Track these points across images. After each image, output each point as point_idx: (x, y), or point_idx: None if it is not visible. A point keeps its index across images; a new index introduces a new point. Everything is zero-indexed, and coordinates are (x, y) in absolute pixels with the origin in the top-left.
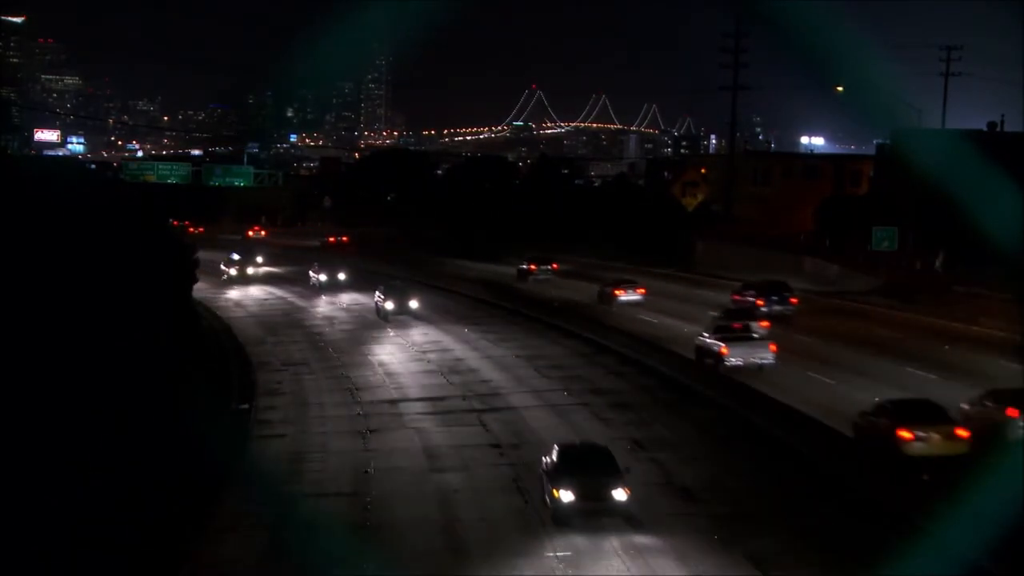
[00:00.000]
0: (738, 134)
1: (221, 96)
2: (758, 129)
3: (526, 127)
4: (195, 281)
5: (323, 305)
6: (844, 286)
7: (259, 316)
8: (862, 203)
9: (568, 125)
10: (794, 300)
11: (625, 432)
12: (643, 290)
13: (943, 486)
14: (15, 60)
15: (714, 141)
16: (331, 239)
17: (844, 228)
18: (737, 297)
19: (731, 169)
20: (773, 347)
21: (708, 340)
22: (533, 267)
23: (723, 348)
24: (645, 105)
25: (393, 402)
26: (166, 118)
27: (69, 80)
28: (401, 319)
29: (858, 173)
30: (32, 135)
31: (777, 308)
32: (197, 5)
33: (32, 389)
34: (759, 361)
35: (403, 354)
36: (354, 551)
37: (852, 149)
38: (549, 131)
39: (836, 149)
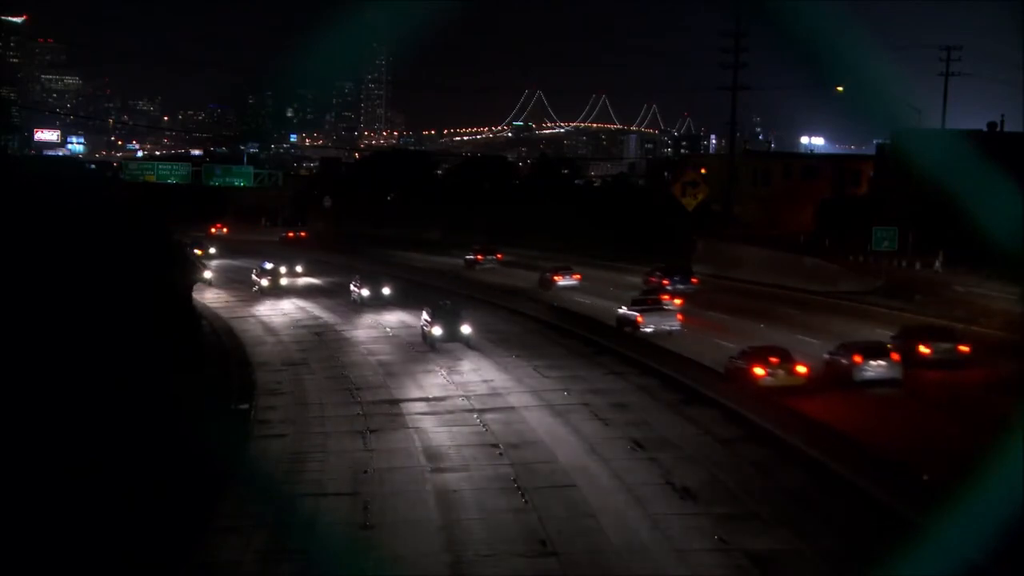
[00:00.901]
0: (738, 134)
1: (221, 96)
2: (758, 129)
3: (526, 127)
4: (194, 281)
5: (364, 328)
6: (844, 286)
7: (285, 340)
8: (862, 203)
9: (568, 125)
10: (695, 280)
11: (625, 432)
12: (578, 276)
13: (943, 486)
14: (15, 60)
15: (714, 141)
16: (290, 234)
17: (844, 228)
18: (652, 279)
19: (731, 169)
20: (680, 317)
21: (627, 311)
22: (480, 257)
23: (639, 317)
24: (645, 105)
25: (393, 402)
26: (166, 118)
27: (69, 80)
28: (450, 348)
29: (858, 173)
30: (32, 135)
31: (680, 287)
32: (197, 5)
33: (27, 388)
34: (668, 328)
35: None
36: (354, 551)
37: (852, 149)
38: (549, 131)
39: (836, 149)
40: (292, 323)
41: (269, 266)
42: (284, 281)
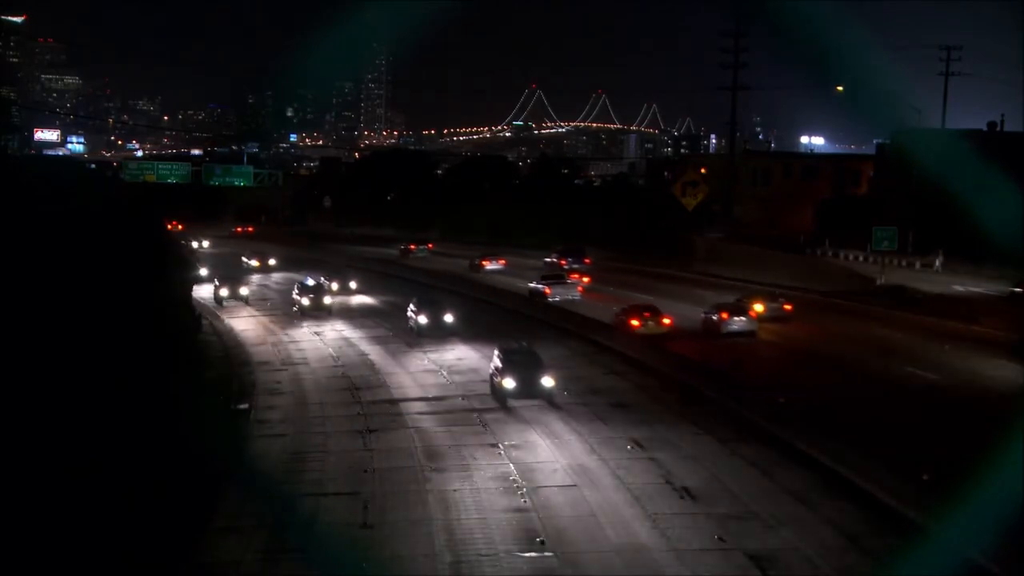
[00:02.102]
0: (738, 134)
1: (221, 96)
2: (758, 129)
3: (526, 127)
4: (194, 281)
5: (417, 368)
6: (844, 285)
7: (310, 397)
8: (862, 203)
9: (568, 125)
10: (587, 260)
11: (625, 432)
12: (504, 261)
13: (943, 486)
14: (15, 60)
15: (714, 141)
16: (239, 229)
17: (844, 228)
18: (556, 260)
19: (731, 169)
20: (580, 289)
21: (537, 285)
22: (412, 247)
23: (547, 289)
24: (645, 105)
25: (393, 402)
26: (166, 118)
27: (69, 80)
28: (532, 406)
29: (858, 173)
30: (32, 135)
31: (575, 266)
32: (197, 5)
33: (27, 388)
34: (570, 297)
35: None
36: (354, 551)
37: (852, 149)
38: (549, 131)
39: (836, 149)
40: (328, 365)
41: (311, 282)
42: (328, 300)
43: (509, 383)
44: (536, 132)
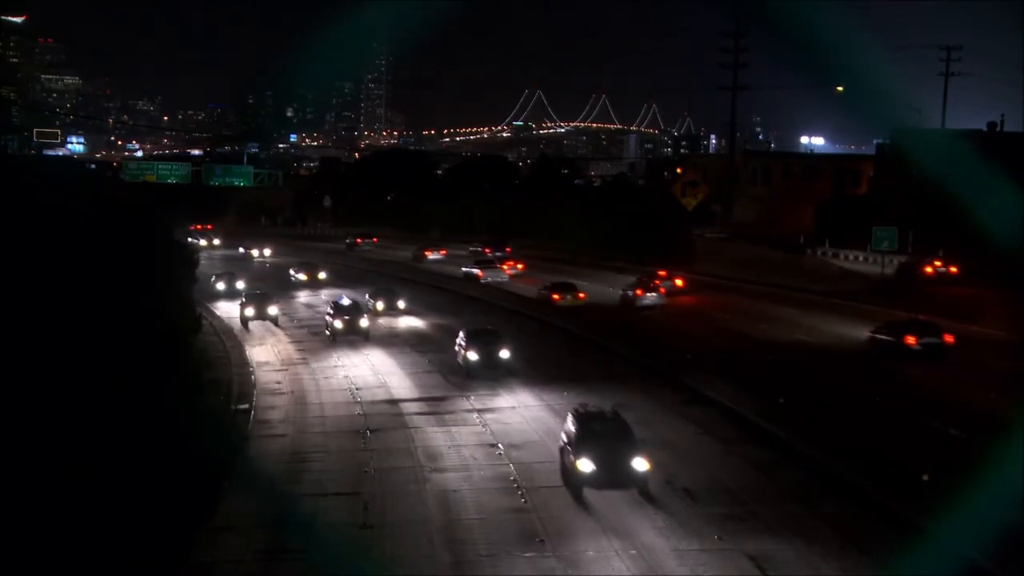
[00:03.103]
0: (738, 134)
1: (221, 96)
2: (758, 129)
3: (526, 127)
4: (194, 281)
5: (466, 443)
6: (844, 285)
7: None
8: (862, 203)
9: (568, 125)
10: (508, 249)
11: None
12: (445, 251)
13: (943, 486)
14: (15, 60)
15: (714, 141)
16: (198, 227)
17: (844, 228)
18: (481, 249)
19: (731, 169)
20: (508, 272)
21: (470, 269)
22: (359, 240)
23: (479, 272)
24: (645, 105)
25: (393, 402)
26: (166, 118)
27: (69, 80)
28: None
29: (858, 173)
30: (32, 135)
31: (498, 254)
32: (197, 5)
33: (28, 388)
34: (500, 279)
35: None
36: (354, 551)
37: (852, 149)
38: (549, 131)
39: (836, 149)
40: (344, 415)
41: (347, 302)
42: (365, 323)
43: (586, 466)
44: (536, 132)
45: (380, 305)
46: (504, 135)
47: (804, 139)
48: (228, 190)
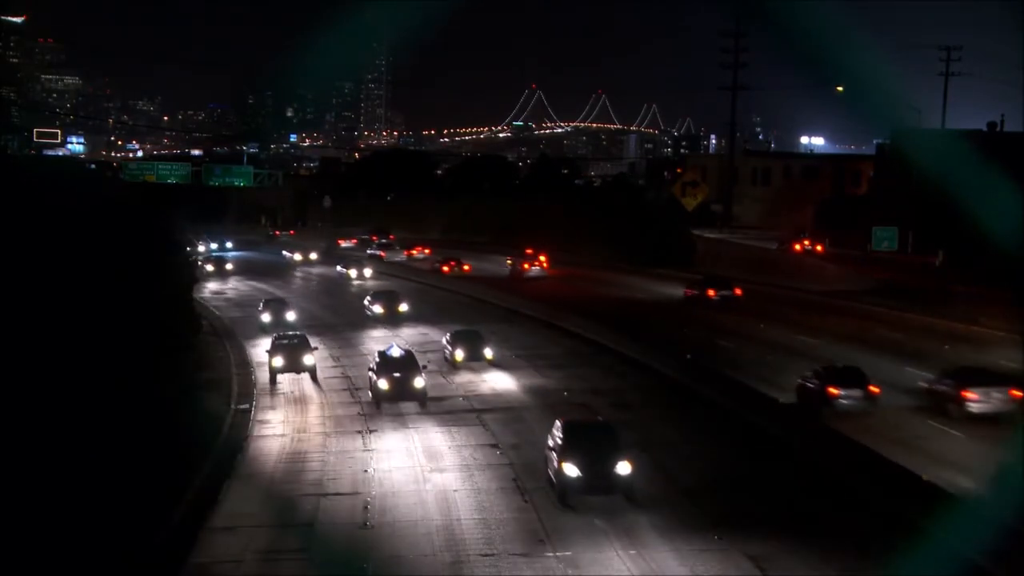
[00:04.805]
0: (738, 134)
1: (221, 96)
2: (758, 129)
3: (526, 127)
4: (195, 280)
5: None
6: (844, 285)
7: None
8: (862, 203)
9: (568, 125)
10: (392, 237)
11: (625, 432)
12: (392, 236)
13: (943, 486)
14: (15, 60)
15: (714, 141)
16: (277, 232)
17: (844, 228)
18: (369, 237)
19: (731, 169)
20: (407, 253)
21: (375, 251)
22: (276, 233)
23: (382, 253)
24: (645, 105)
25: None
26: (166, 118)
27: (69, 80)
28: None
29: (858, 173)
30: (32, 135)
31: (383, 241)
32: (197, 5)
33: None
34: (399, 260)
35: None
36: (354, 551)
37: (852, 149)
38: (549, 131)
39: (836, 149)
40: None
41: (397, 353)
42: (421, 382)
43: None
44: (536, 132)
45: (460, 354)
46: (504, 135)
47: (804, 139)
48: (228, 190)
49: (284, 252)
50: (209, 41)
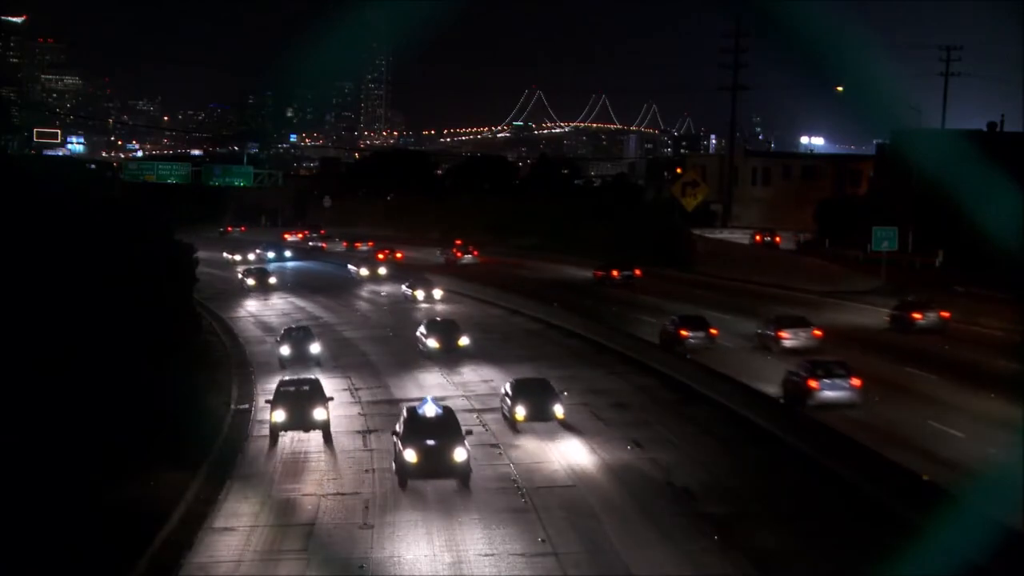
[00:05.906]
0: (738, 134)
1: (221, 96)
2: (758, 129)
3: (526, 127)
4: (195, 280)
5: None
6: (844, 286)
7: None
8: (862, 203)
9: (568, 125)
10: (323, 231)
11: (625, 432)
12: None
13: (943, 486)
14: (15, 60)
15: (714, 141)
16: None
17: (844, 228)
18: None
19: (731, 169)
20: (344, 244)
21: (316, 243)
22: (243, 228)
23: (323, 244)
24: (645, 105)
25: (393, 402)
26: (166, 118)
27: (69, 80)
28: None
29: (858, 173)
30: (32, 135)
31: (314, 235)
32: (197, 5)
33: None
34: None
35: None
36: (354, 551)
37: (852, 149)
38: (549, 131)
39: (836, 149)
40: None
41: (430, 413)
42: (462, 456)
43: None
44: (536, 132)
45: (521, 411)
46: (504, 135)
47: (804, 139)
48: (228, 190)
49: (350, 266)
50: (209, 41)
